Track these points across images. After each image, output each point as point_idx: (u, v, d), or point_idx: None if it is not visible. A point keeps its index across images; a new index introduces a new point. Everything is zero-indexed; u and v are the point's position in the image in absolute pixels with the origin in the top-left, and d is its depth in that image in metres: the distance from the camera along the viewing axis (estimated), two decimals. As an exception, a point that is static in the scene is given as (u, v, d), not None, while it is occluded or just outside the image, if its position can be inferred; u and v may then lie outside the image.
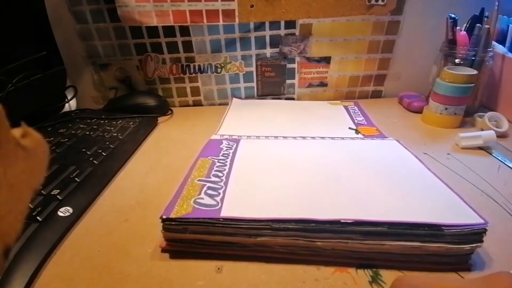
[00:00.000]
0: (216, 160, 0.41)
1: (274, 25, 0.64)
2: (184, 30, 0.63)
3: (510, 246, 0.31)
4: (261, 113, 0.63)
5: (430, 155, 0.47)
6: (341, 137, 0.51)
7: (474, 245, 0.28)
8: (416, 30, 0.65)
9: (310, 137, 0.51)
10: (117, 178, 0.44)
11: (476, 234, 0.28)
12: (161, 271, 0.29)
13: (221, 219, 0.30)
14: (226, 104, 0.72)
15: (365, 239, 0.28)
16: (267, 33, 0.65)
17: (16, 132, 0.15)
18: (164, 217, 0.30)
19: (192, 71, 0.68)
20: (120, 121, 0.58)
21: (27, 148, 0.15)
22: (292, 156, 0.43)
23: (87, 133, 0.53)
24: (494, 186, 0.40)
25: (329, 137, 0.51)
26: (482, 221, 0.28)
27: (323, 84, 0.71)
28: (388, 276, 0.28)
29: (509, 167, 0.44)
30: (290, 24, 0.64)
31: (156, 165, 0.47)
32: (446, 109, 0.55)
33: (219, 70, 0.68)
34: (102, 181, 0.42)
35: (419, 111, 0.62)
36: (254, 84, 0.70)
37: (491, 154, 0.48)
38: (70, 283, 0.28)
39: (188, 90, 0.70)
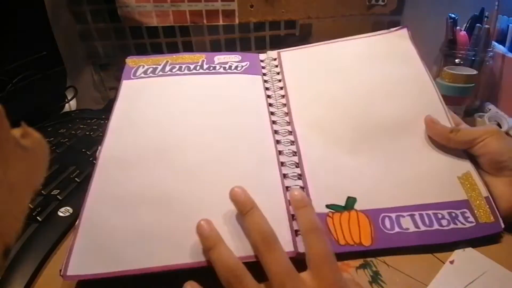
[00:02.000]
0: None
1: (274, 25, 0.64)
2: (184, 30, 0.63)
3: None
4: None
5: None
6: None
7: None
8: (415, 30, 0.65)
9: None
10: (117, 178, 0.44)
11: None
12: (161, 271, 0.29)
13: None
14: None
15: None
16: (267, 33, 0.65)
17: (16, 132, 0.15)
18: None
19: (192, 71, 0.68)
20: (120, 121, 0.58)
21: (27, 148, 0.15)
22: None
23: (87, 133, 0.53)
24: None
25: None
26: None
27: (323, 84, 0.71)
28: (388, 276, 0.28)
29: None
30: (290, 24, 0.64)
31: (156, 165, 0.47)
32: (446, 109, 0.55)
33: (219, 70, 0.68)
34: (102, 181, 0.42)
35: (419, 111, 0.62)
36: (254, 84, 0.70)
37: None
38: (70, 283, 0.28)
39: (188, 90, 0.70)
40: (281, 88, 0.41)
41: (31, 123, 0.15)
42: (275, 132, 0.36)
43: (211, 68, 0.43)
